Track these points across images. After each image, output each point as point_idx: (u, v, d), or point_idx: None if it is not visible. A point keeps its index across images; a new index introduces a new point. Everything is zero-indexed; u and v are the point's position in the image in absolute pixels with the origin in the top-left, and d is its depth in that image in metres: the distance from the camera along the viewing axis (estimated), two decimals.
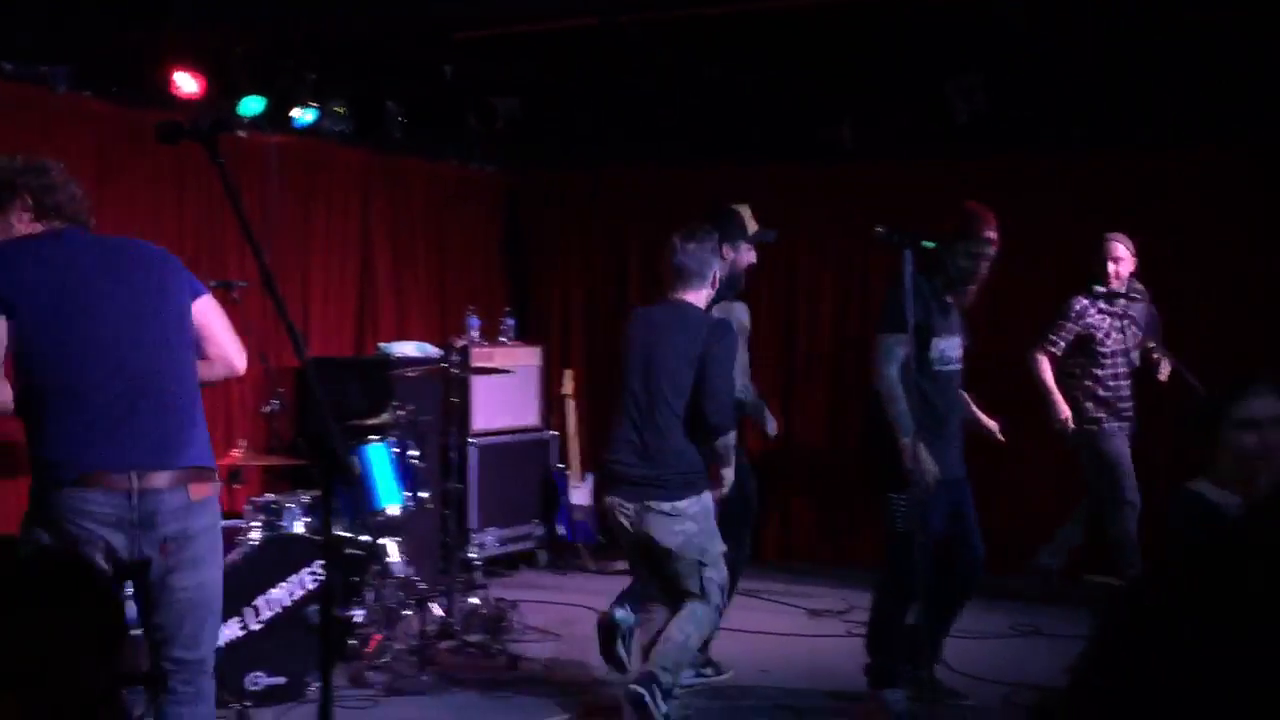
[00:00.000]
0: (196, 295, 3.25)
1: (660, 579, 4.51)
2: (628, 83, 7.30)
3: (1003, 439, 5.23)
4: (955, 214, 4.78)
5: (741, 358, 5.09)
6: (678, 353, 4.43)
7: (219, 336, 3.28)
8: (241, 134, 6.36)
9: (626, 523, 4.43)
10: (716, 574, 4.45)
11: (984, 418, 5.13)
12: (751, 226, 5.43)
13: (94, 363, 2.97)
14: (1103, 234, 6.28)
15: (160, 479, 3.01)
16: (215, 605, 3.19)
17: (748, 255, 5.40)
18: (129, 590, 3.05)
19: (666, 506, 4.35)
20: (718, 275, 4.65)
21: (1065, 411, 6.14)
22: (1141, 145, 6.97)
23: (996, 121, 6.87)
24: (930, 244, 4.27)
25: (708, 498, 4.48)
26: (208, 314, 3.27)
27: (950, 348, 4.72)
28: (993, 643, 5.66)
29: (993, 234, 4.71)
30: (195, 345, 3.22)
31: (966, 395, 5.00)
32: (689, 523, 4.37)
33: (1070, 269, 6.57)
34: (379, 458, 5.52)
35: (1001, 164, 7.24)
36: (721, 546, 4.49)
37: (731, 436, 4.65)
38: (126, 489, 2.96)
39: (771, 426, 5.73)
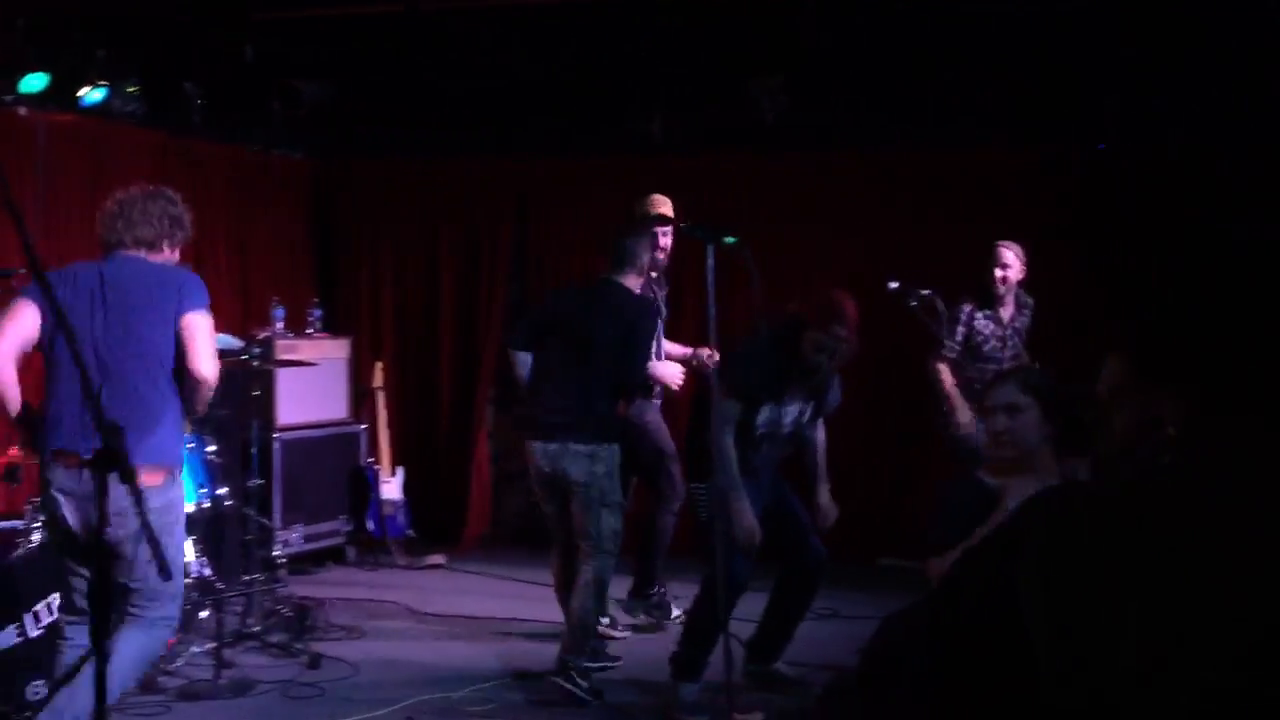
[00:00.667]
0: (182, 313, 3.93)
1: (567, 518, 5.08)
2: (437, 70, 7.19)
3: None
4: (815, 296, 4.69)
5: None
6: (609, 325, 5.01)
7: (190, 348, 3.91)
8: (21, 111, 6.00)
9: (545, 464, 5.00)
10: (613, 521, 4.98)
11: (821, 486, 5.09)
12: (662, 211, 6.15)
13: (80, 363, 3.08)
14: (993, 240, 6.27)
15: None
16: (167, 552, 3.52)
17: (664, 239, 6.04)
18: None
19: (584, 448, 4.91)
20: (644, 262, 5.23)
21: (966, 415, 6.02)
22: (938, 145, 7.27)
23: (801, 120, 7.06)
24: (731, 239, 4.34)
25: (616, 450, 5.02)
26: (188, 329, 3.93)
27: (782, 415, 4.71)
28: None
29: (844, 331, 4.52)
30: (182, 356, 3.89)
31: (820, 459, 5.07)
32: (599, 465, 4.93)
33: (879, 264, 6.74)
34: None
35: (808, 161, 7.45)
36: (620, 498, 5.07)
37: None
38: (79, 466, 3.74)
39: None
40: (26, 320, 3.87)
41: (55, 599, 4.57)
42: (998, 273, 6.21)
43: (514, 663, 5.45)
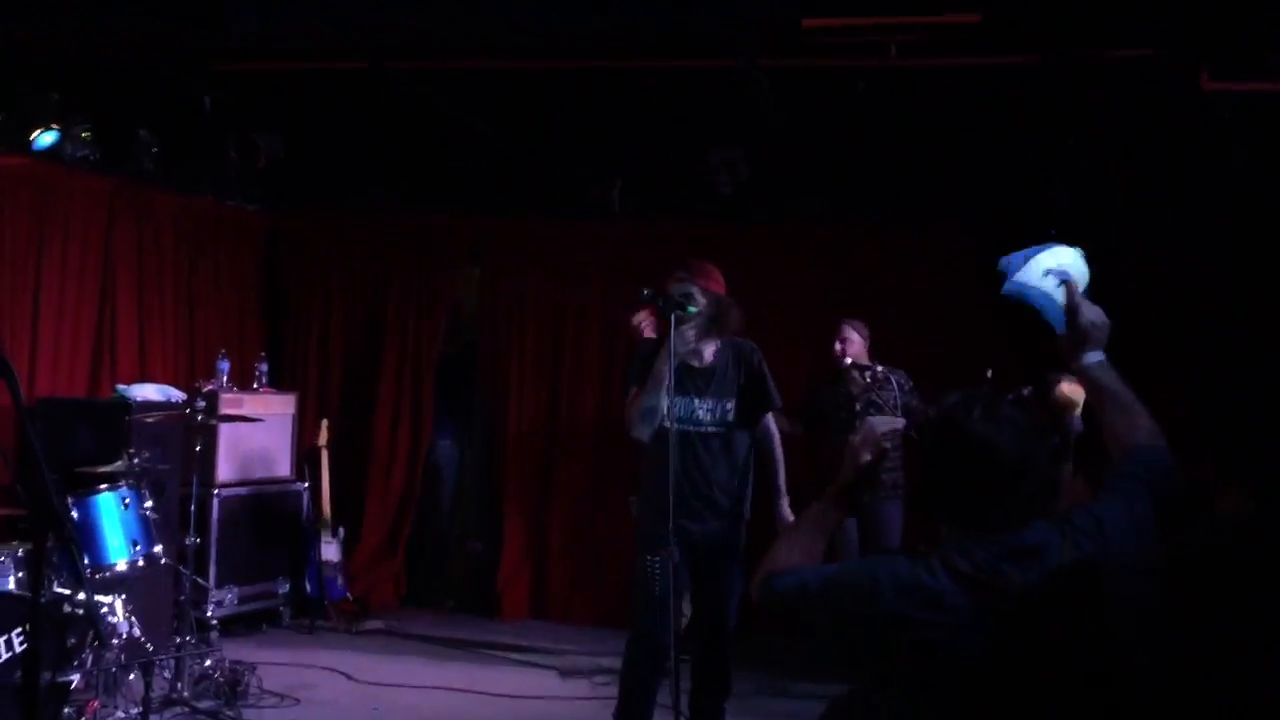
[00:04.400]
0: None
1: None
2: (395, 127, 7.17)
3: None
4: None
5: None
6: None
7: None
8: None
9: None
10: None
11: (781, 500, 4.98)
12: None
13: None
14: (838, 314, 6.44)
15: None
16: None
17: None
18: None
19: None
20: None
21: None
22: (889, 220, 7.32)
23: (757, 191, 7.11)
24: (693, 309, 4.31)
25: None
26: None
27: (694, 407, 4.62)
28: None
29: (684, 274, 4.54)
30: None
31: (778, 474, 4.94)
32: None
33: (815, 335, 6.77)
34: (108, 508, 5.12)
35: (761, 231, 7.48)
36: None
37: None
38: None
39: None
40: None
41: None
42: (837, 347, 6.35)
43: None
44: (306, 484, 7.49)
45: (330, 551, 7.44)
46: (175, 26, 4.60)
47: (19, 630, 4.50)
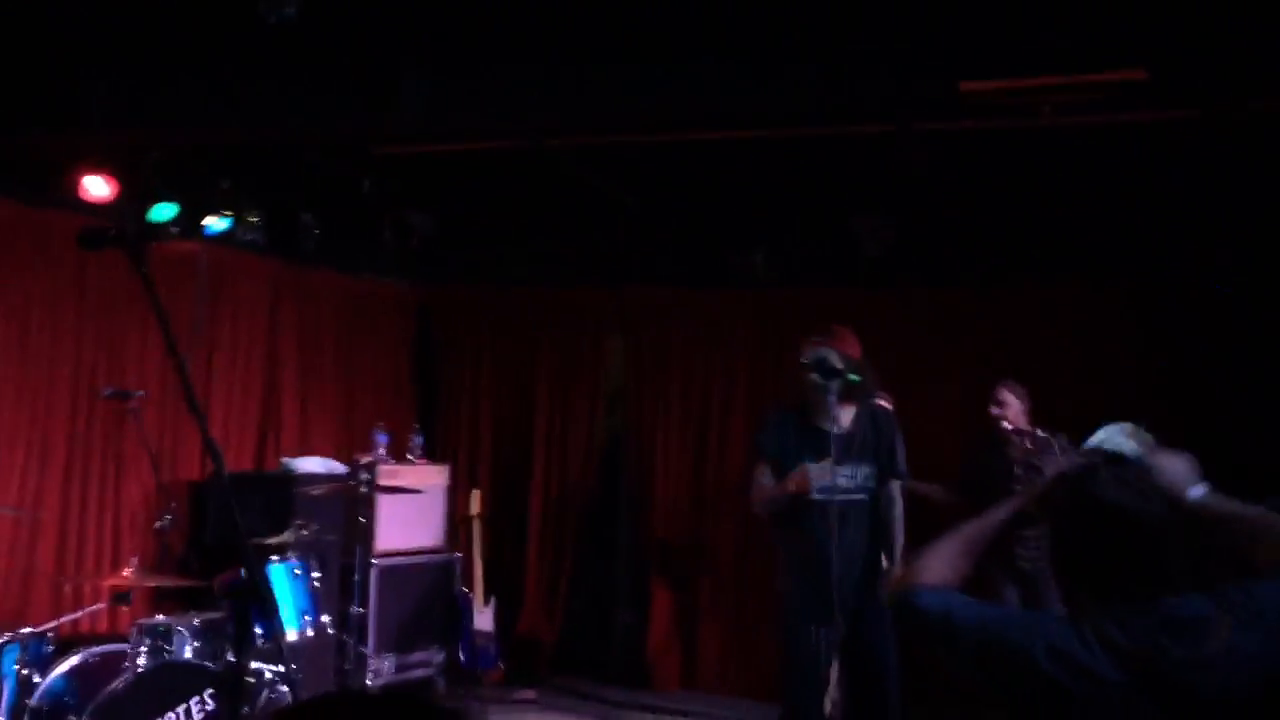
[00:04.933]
0: None
1: None
2: (543, 202, 7.34)
3: None
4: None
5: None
6: None
7: None
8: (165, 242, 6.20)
9: None
10: None
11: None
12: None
13: None
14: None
15: None
16: None
17: None
18: None
19: None
20: None
21: None
22: (1040, 282, 7.16)
23: (904, 256, 7.04)
24: (856, 378, 4.27)
25: None
26: None
27: (835, 473, 4.55)
28: None
29: (820, 339, 4.60)
30: None
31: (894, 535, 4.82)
32: None
33: (968, 401, 6.64)
34: (279, 579, 5.27)
35: (908, 297, 7.40)
36: None
37: None
38: None
39: None
40: None
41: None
42: (993, 410, 6.22)
43: None
44: (459, 554, 7.59)
45: (483, 621, 7.50)
46: (347, 110, 4.79)
47: (197, 699, 4.66)
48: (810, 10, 4.41)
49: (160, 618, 4.97)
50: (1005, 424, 6.23)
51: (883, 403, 5.10)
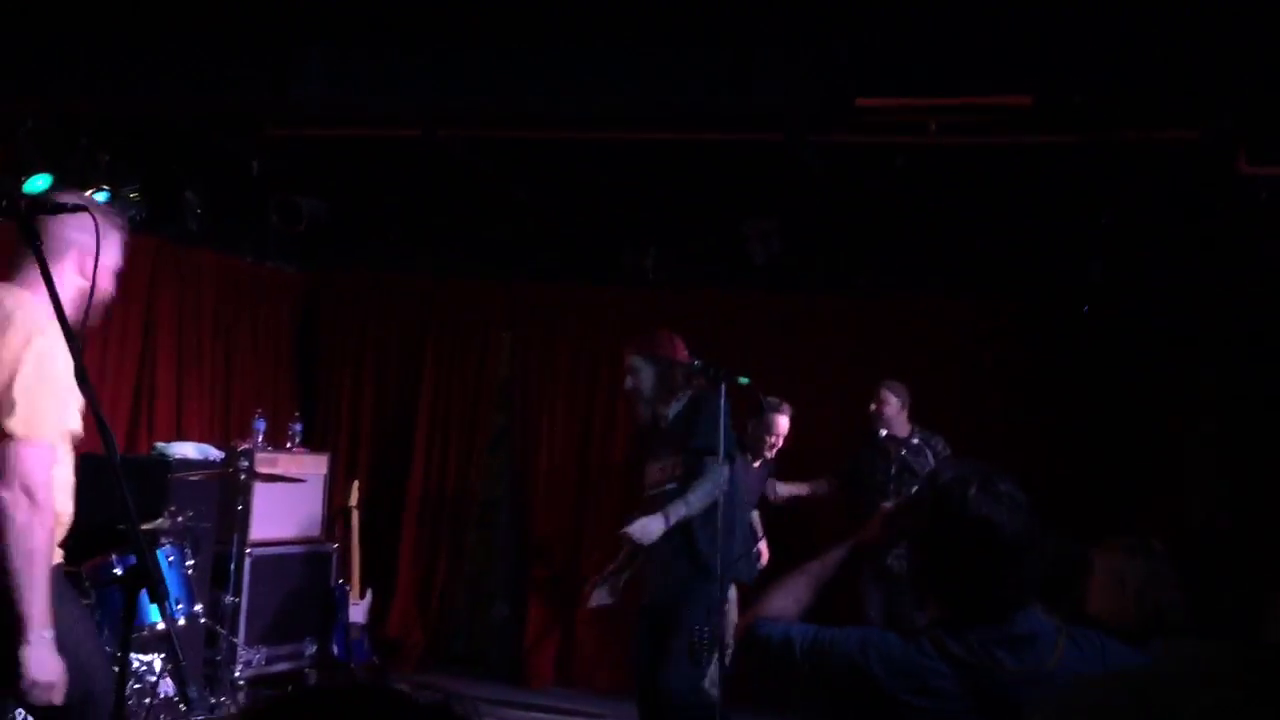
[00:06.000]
0: None
1: None
2: (436, 194, 7.28)
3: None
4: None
5: None
6: None
7: None
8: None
9: None
10: None
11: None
12: None
13: None
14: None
15: None
16: None
17: None
18: None
19: None
20: None
21: None
22: (920, 293, 7.39)
23: (792, 261, 7.19)
24: (745, 379, 4.36)
25: None
26: None
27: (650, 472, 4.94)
28: None
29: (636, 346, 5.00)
30: None
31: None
32: None
33: (848, 402, 6.83)
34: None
35: (795, 301, 7.55)
36: None
37: None
38: None
39: None
40: None
41: None
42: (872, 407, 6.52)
43: None
44: (336, 545, 7.49)
45: (358, 613, 7.41)
46: (238, 93, 4.69)
47: None
48: (714, 12, 4.48)
49: None
50: (882, 431, 6.42)
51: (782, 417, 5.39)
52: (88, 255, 2.94)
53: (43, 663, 2.78)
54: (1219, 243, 6.36)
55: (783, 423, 6.39)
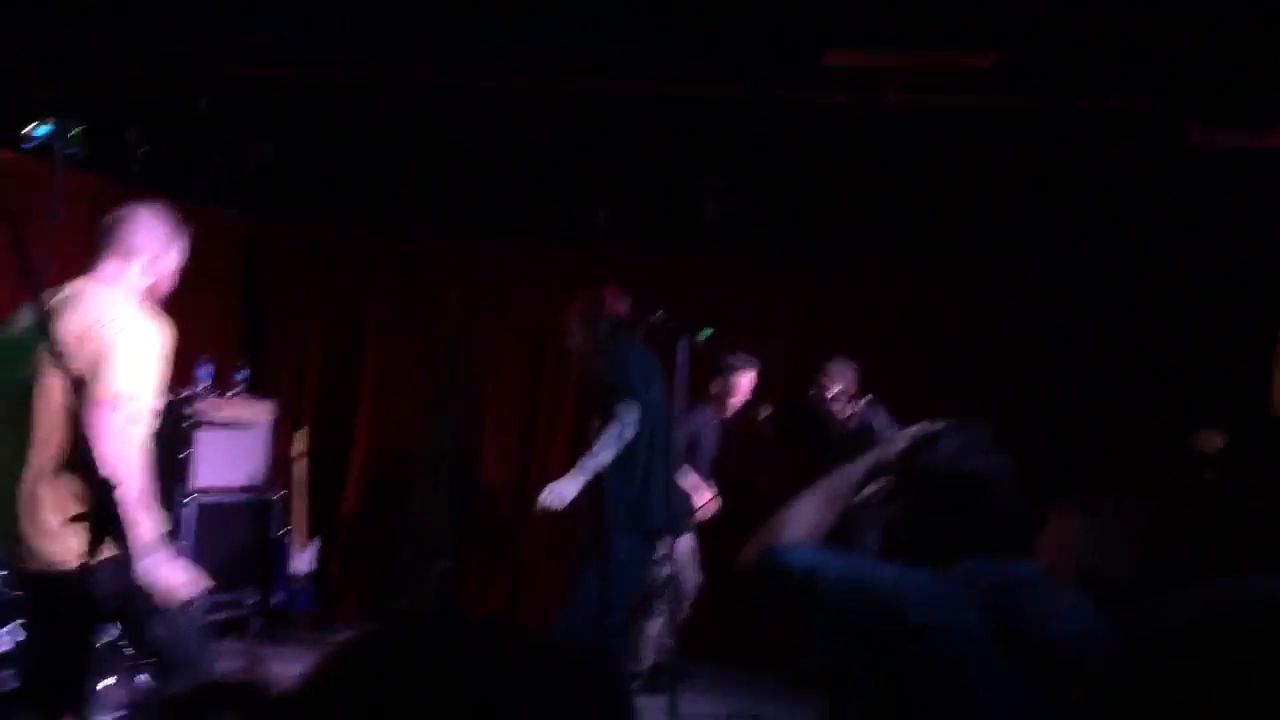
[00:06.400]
0: None
1: None
2: (389, 143, 7.17)
3: None
4: None
5: None
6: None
7: None
8: None
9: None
10: None
11: None
12: None
13: None
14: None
15: None
16: None
17: None
18: None
19: None
20: None
21: None
22: (871, 256, 7.43)
23: (743, 220, 7.19)
24: (708, 332, 4.37)
25: None
26: None
27: None
28: None
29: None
30: None
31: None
32: None
33: (795, 363, 6.87)
34: None
35: (748, 260, 7.55)
36: None
37: None
38: None
39: None
40: None
41: None
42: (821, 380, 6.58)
43: None
44: (280, 494, 7.41)
45: (302, 563, 7.36)
46: (193, 31, 4.57)
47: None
48: None
49: None
50: (829, 394, 6.45)
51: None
52: (157, 258, 3.64)
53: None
54: (1168, 212, 6.46)
55: (744, 382, 6.45)
